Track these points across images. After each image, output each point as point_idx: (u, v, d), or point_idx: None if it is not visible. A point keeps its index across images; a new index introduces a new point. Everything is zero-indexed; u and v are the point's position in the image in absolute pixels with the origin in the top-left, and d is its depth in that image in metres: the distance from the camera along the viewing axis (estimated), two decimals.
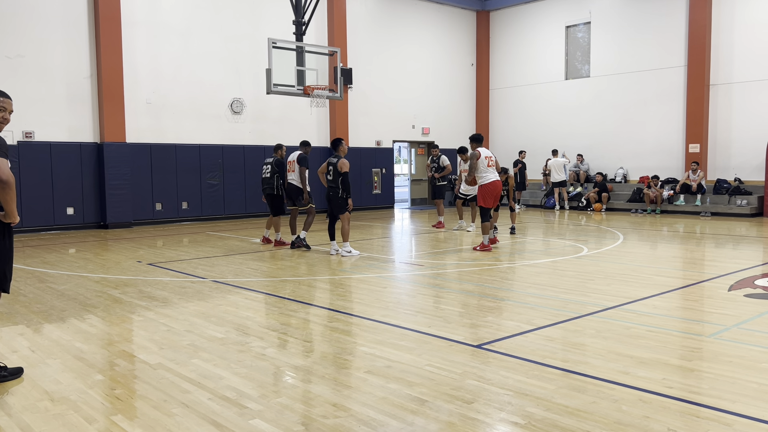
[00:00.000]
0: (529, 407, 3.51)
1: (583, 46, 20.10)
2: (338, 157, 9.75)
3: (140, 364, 4.40)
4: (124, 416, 3.48)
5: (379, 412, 3.47)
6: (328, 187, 9.79)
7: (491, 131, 22.67)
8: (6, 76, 13.15)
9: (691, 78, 17.45)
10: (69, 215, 13.97)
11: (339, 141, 9.88)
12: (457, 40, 21.99)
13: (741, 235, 12.29)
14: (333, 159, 9.79)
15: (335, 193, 9.70)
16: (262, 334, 5.15)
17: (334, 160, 9.75)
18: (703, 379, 3.96)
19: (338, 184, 9.65)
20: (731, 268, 8.16)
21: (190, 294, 6.84)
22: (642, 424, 3.27)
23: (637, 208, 17.65)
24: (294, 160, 10.55)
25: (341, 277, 7.92)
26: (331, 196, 9.76)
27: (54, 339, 5.09)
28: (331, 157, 9.85)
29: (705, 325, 5.37)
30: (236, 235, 12.83)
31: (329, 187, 9.77)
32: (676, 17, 17.76)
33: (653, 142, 18.47)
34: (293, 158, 10.59)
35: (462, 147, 12.82)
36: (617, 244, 10.68)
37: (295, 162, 10.52)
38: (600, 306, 6.04)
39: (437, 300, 6.52)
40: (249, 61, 16.45)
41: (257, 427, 3.30)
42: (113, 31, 14.17)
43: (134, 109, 14.78)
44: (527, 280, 7.63)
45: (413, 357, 4.47)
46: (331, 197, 9.77)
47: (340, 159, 9.70)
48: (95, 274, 8.20)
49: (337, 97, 14.13)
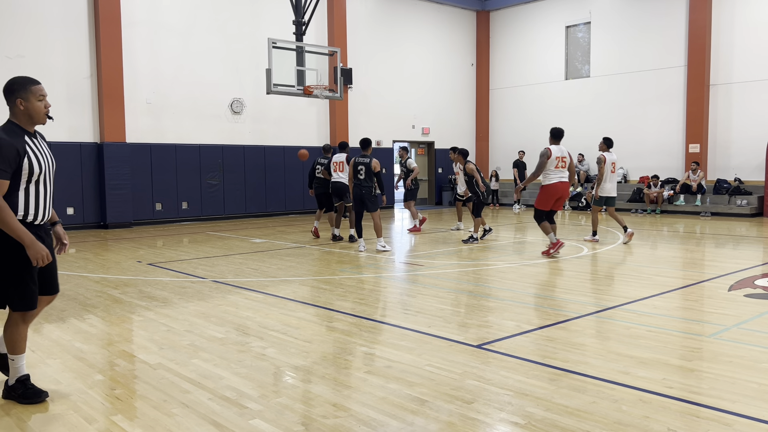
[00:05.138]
0: (529, 407, 3.51)
1: (583, 46, 20.10)
2: (369, 157, 10.18)
3: (140, 364, 4.40)
4: (124, 416, 3.48)
5: (379, 412, 3.46)
6: (359, 186, 10.12)
7: (491, 131, 22.67)
8: (6, 76, 13.10)
9: (691, 78, 17.45)
10: (69, 215, 13.96)
11: (369, 141, 10.43)
12: (457, 40, 21.99)
13: (741, 235, 12.29)
14: (364, 159, 10.19)
15: (368, 191, 10.08)
16: (262, 334, 5.15)
17: (366, 160, 10.17)
18: (703, 379, 3.96)
19: (371, 183, 10.04)
20: (731, 268, 8.16)
21: (190, 294, 6.84)
22: (642, 424, 3.27)
23: (637, 208, 17.65)
24: (343, 160, 11.25)
25: (341, 277, 7.92)
26: (364, 194, 10.11)
27: (54, 339, 5.09)
28: (361, 157, 10.23)
29: (705, 325, 5.37)
30: (236, 235, 12.83)
31: (361, 186, 10.12)
32: (676, 17, 17.76)
33: (653, 142, 18.46)
34: (342, 159, 11.26)
35: (454, 147, 12.78)
36: (617, 244, 10.68)
37: (344, 162, 11.22)
38: (600, 306, 6.04)
39: (437, 300, 6.52)
40: (249, 61, 16.44)
41: (257, 427, 3.30)
42: (113, 31, 14.17)
43: (134, 109, 14.78)
44: (527, 280, 7.63)
45: (413, 357, 4.47)
46: (364, 195, 10.11)
47: (373, 159, 10.13)
48: (95, 274, 8.20)
49: (337, 97, 14.13)
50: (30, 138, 3.58)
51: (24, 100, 3.55)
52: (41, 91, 3.60)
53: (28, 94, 3.55)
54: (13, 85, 3.57)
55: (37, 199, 3.59)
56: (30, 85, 3.58)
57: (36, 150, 3.57)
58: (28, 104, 3.55)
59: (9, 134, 3.47)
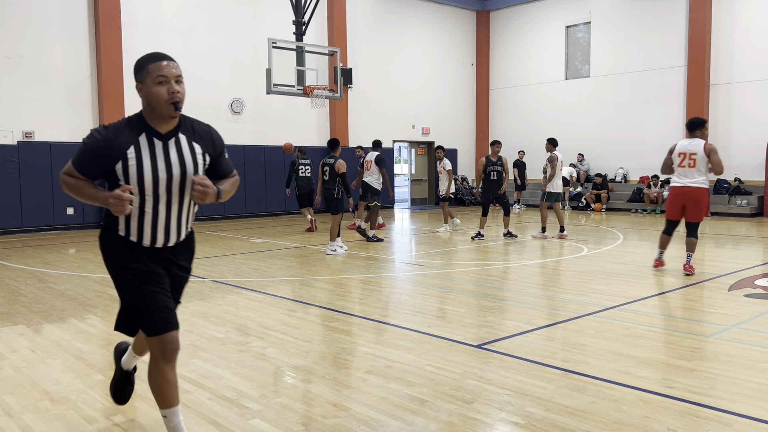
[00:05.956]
0: (529, 407, 3.51)
1: (583, 46, 20.10)
2: (335, 158, 9.80)
3: (140, 364, 4.39)
4: (124, 416, 3.48)
5: (379, 412, 3.46)
6: (324, 188, 9.86)
7: (491, 131, 22.67)
8: (6, 76, 13.16)
9: (691, 78, 17.45)
10: (69, 215, 13.96)
11: (337, 141, 10.00)
12: (457, 40, 21.99)
13: (741, 235, 12.29)
14: (329, 160, 9.81)
15: (331, 194, 9.78)
16: (262, 334, 5.15)
17: (331, 161, 9.79)
18: (703, 379, 3.96)
19: (333, 185, 9.74)
20: (731, 268, 8.16)
21: (190, 294, 6.83)
22: (642, 424, 3.27)
23: (637, 208, 17.65)
24: (372, 160, 11.45)
25: (341, 277, 7.92)
26: (327, 196, 9.82)
27: (54, 339, 5.08)
28: (328, 158, 9.88)
29: (705, 325, 5.37)
30: (236, 235, 12.83)
31: (325, 187, 9.85)
32: (676, 17, 17.76)
33: (653, 142, 18.45)
34: (371, 158, 11.50)
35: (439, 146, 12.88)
36: (617, 244, 10.68)
37: (373, 162, 11.43)
38: (600, 306, 6.04)
39: (437, 300, 6.52)
40: (249, 61, 16.45)
41: (257, 427, 3.29)
42: (113, 31, 14.17)
43: (134, 109, 14.47)
44: (527, 280, 7.63)
45: (413, 357, 4.47)
46: (327, 198, 9.82)
47: (338, 160, 9.76)
48: (95, 274, 8.20)
49: (337, 97, 14.14)
50: (150, 137, 2.72)
51: (141, 84, 2.71)
52: (161, 70, 2.66)
53: (144, 75, 2.69)
54: (135, 65, 2.76)
55: (142, 216, 2.76)
56: (148, 63, 2.69)
57: (150, 154, 2.70)
58: (145, 89, 2.69)
59: (114, 129, 2.69)
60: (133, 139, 2.70)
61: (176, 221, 2.85)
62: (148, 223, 2.78)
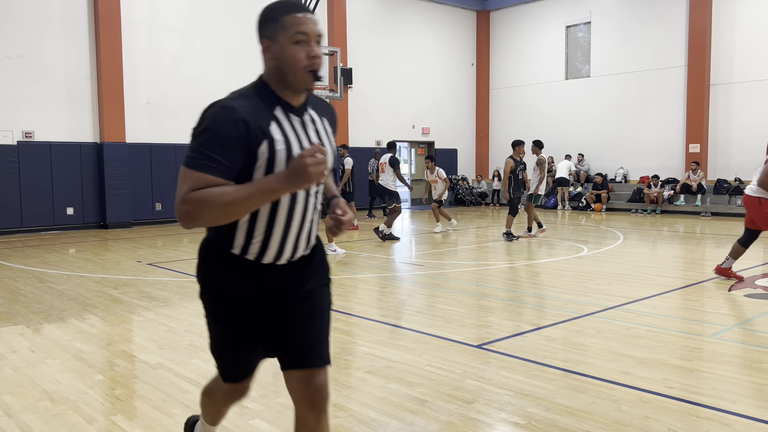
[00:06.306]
0: (529, 407, 3.51)
1: (583, 46, 20.10)
2: None
3: (140, 364, 4.40)
4: (124, 416, 3.48)
5: (379, 412, 3.46)
6: None
7: (491, 131, 22.67)
8: (6, 75, 13.15)
9: (691, 78, 17.45)
10: (69, 215, 13.96)
11: None
12: (457, 40, 21.99)
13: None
14: None
15: None
16: None
17: None
18: (703, 379, 3.95)
19: None
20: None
21: (190, 294, 6.83)
22: (642, 424, 3.27)
23: (637, 208, 17.64)
24: (386, 162, 11.54)
25: (341, 277, 7.92)
26: None
27: (54, 339, 5.08)
28: None
29: (705, 325, 5.37)
30: None
31: None
32: (676, 17, 17.76)
33: (653, 142, 18.46)
34: (385, 160, 11.61)
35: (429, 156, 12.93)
36: (617, 244, 10.68)
37: (387, 164, 11.51)
38: (600, 306, 6.04)
39: (437, 300, 6.52)
40: (249, 61, 16.43)
41: (257, 427, 3.29)
42: (113, 31, 14.17)
43: (134, 109, 14.77)
44: (527, 280, 7.63)
45: (413, 357, 4.47)
46: None
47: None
48: (95, 274, 8.20)
49: (337, 97, 14.14)
50: (287, 111, 2.04)
51: (270, 41, 2.00)
52: (301, 25, 1.96)
53: (277, 30, 1.98)
54: (263, 14, 2.03)
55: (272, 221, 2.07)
56: (283, 13, 1.97)
57: (294, 133, 2.02)
58: (277, 48, 1.99)
59: (239, 100, 1.98)
60: (268, 113, 1.99)
61: (309, 227, 2.18)
62: (279, 231, 2.10)
